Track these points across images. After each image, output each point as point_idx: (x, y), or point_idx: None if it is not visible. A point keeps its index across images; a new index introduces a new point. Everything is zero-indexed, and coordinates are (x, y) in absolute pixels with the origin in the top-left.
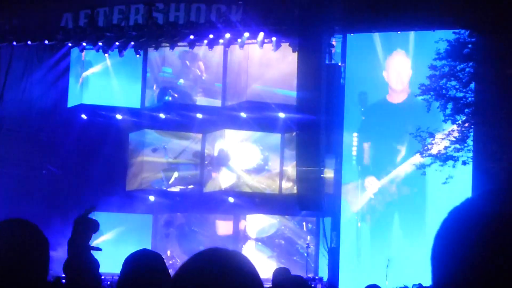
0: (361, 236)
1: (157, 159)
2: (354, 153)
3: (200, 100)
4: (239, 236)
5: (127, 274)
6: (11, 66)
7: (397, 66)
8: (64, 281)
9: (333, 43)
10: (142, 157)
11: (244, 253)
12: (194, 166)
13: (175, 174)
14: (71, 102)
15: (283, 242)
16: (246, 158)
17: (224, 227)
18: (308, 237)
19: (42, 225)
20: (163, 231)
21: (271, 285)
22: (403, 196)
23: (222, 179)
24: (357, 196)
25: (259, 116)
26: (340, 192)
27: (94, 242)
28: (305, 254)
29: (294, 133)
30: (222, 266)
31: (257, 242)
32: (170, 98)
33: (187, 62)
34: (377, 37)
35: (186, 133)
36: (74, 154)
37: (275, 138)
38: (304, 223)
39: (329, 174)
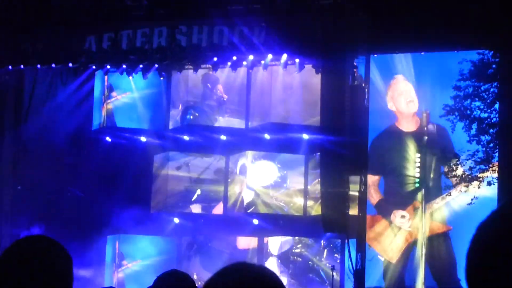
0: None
1: (182, 173)
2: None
3: (225, 120)
4: (262, 252)
5: None
6: (35, 89)
7: (402, 90)
8: None
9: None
10: (166, 177)
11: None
12: (217, 184)
13: (198, 191)
14: (95, 124)
15: (299, 259)
16: (263, 175)
17: (244, 241)
18: (325, 252)
19: (67, 247)
20: (186, 253)
21: None
22: None
23: (244, 197)
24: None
25: (282, 137)
26: (365, 213)
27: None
28: (331, 281)
29: (318, 154)
30: (248, 281)
31: (278, 259)
32: (191, 117)
33: (209, 85)
34: (373, 64)
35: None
36: (97, 176)
37: (294, 156)
38: (322, 241)
39: (354, 195)
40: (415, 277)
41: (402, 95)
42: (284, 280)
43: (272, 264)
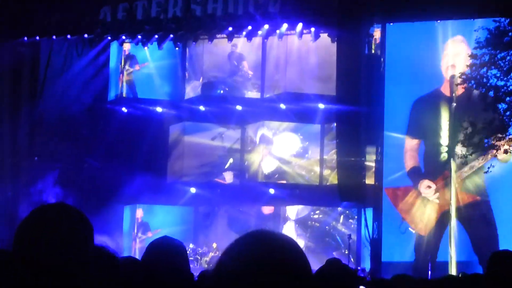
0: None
1: (217, 143)
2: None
3: (253, 95)
4: (280, 217)
5: (147, 259)
6: (51, 60)
7: (451, 54)
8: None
9: (376, 33)
10: (183, 147)
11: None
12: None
13: (231, 160)
14: (112, 95)
15: (317, 224)
16: (286, 146)
17: (268, 207)
18: (341, 218)
19: None
20: (203, 223)
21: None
22: None
23: (264, 166)
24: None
25: (298, 107)
26: (382, 183)
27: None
28: (347, 247)
29: (334, 124)
30: (267, 247)
31: (296, 223)
32: (222, 92)
33: (235, 62)
34: (436, 25)
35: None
36: (114, 147)
37: (315, 128)
38: (339, 208)
39: (370, 164)
40: (448, 252)
41: (446, 57)
42: (302, 243)
43: (289, 228)
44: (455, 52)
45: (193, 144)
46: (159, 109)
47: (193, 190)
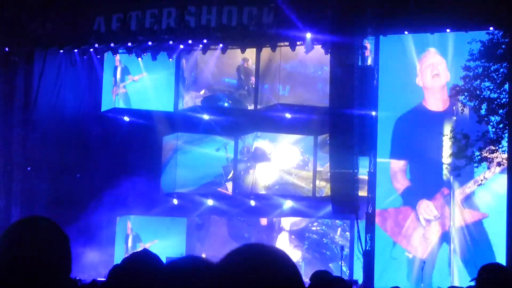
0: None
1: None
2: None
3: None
4: (274, 228)
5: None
6: (44, 70)
7: (430, 63)
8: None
9: (366, 45)
10: (176, 158)
11: (279, 246)
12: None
13: (232, 173)
14: (105, 106)
15: (315, 236)
16: (287, 158)
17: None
18: (338, 230)
19: (75, 228)
20: (196, 234)
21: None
22: None
23: (263, 176)
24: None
25: (291, 118)
26: (374, 194)
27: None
28: (340, 258)
29: (327, 135)
30: (260, 262)
31: (291, 234)
32: (226, 104)
33: (242, 76)
34: (409, 39)
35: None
36: (107, 157)
37: (315, 140)
38: (337, 220)
39: (363, 176)
40: (446, 275)
41: (429, 67)
42: (298, 254)
43: (283, 239)
44: (436, 62)
45: (189, 155)
46: (152, 120)
47: (175, 201)
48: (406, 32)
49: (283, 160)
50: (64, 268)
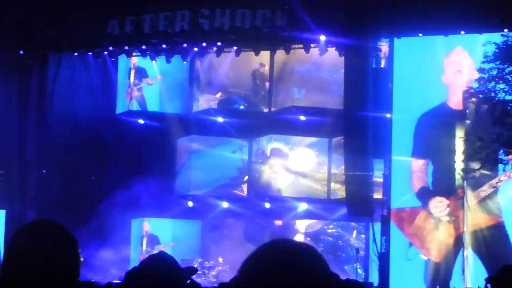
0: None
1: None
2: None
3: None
4: (289, 230)
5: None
6: (59, 74)
7: (454, 59)
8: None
9: (383, 46)
10: (190, 160)
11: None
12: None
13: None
14: (119, 109)
15: (330, 238)
16: (302, 160)
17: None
18: (354, 233)
19: (90, 230)
20: (211, 236)
21: None
22: None
23: (279, 178)
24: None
25: (305, 121)
26: (389, 197)
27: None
28: (356, 261)
29: (342, 137)
30: (288, 255)
31: (306, 237)
32: (242, 107)
33: (258, 81)
34: (439, 39)
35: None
36: (122, 160)
37: (330, 142)
38: (352, 223)
39: (378, 178)
40: (462, 280)
41: (452, 64)
42: None
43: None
44: (459, 59)
45: (204, 157)
46: (166, 123)
47: (190, 203)
48: (420, 34)
49: (298, 163)
50: (72, 271)
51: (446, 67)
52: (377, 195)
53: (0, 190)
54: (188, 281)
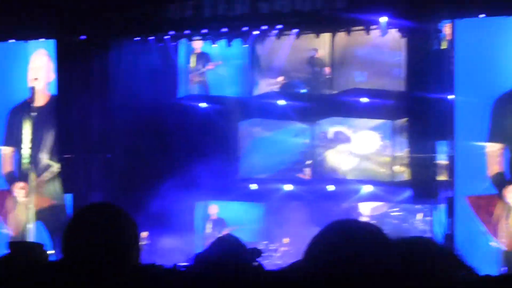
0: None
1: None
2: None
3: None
4: (354, 213)
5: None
6: (120, 58)
7: None
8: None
9: (446, 28)
10: (253, 143)
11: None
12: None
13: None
14: (181, 93)
15: (395, 221)
16: (366, 143)
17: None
18: (419, 215)
19: (153, 214)
20: (274, 219)
21: None
22: None
23: (342, 161)
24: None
25: (367, 103)
26: (454, 178)
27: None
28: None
29: (405, 120)
30: (353, 233)
31: (370, 220)
32: (304, 90)
33: (315, 68)
34: (504, 21)
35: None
36: (184, 144)
37: (395, 125)
38: (416, 206)
39: (442, 160)
40: None
41: None
42: None
43: None
44: None
45: (266, 140)
46: (228, 106)
47: (253, 186)
48: (483, 15)
49: (362, 146)
50: (132, 254)
51: None
52: (442, 177)
53: (67, 174)
54: (255, 263)
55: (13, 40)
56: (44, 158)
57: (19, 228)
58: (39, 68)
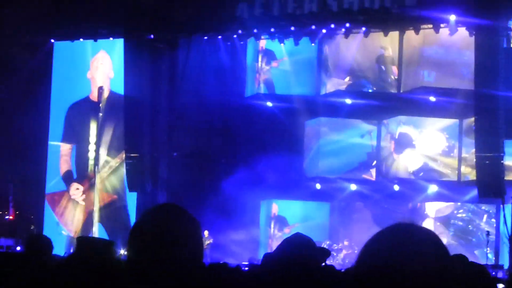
0: None
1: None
2: None
3: None
4: (418, 214)
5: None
6: (189, 57)
7: None
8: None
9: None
10: (318, 142)
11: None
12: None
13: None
14: (248, 92)
15: (460, 223)
16: (432, 144)
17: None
18: (484, 217)
19: (219, 212)
20: (339, 219)
21: None
22: None
23: (408, 162)
24: None
25: (435, 102)
26: None
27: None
28: (486, 245)
29: (473, 119)
30: (408, 239)
31: (436, 221)
32: (370, 90)
33: (383, 67)
34: None
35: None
36: (250, 142)
37: (460, 124)
38: (482, 206)
39: (509, 160)
40: None
41: None
42: (444, 241)
43: (429, 225)
44: None
45: (332, 140)
46: (295, 104)
47: (318, 186)
48: None
49: (428, 146)
50: (196, 254)
51: None
52: (509, 177)
53: (133, 173)
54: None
55: (81, 40)
56: (103, 154)
57: (77, 229)
58: (99, 66)
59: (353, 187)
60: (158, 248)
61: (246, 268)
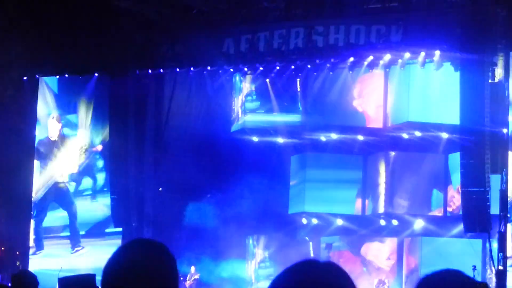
0: None
1: None
2: None
3: None
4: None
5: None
6: (175, 92)
7: None
8: None
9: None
10: (304, 179)
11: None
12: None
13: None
14: (235, 126)
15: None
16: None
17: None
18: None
19: (205, 248)
20: (324, 254)
21: None
22: None
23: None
24: None
25: (421, 137)
26: (506, 212)
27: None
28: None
29: (458, 153)
30: (315, 278)
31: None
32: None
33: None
34: None
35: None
36: (237, 178)
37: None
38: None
39: (495, 194)
40: None
41: None
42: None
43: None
44: None
45: (317, 174)
46: (279, 140)
47: (314, 221)
48: None
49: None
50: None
51: None
52: (494, 211)
53: (118, 208)
54: None
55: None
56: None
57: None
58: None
59: (339, 222)
60: (130, 284)
61: None
